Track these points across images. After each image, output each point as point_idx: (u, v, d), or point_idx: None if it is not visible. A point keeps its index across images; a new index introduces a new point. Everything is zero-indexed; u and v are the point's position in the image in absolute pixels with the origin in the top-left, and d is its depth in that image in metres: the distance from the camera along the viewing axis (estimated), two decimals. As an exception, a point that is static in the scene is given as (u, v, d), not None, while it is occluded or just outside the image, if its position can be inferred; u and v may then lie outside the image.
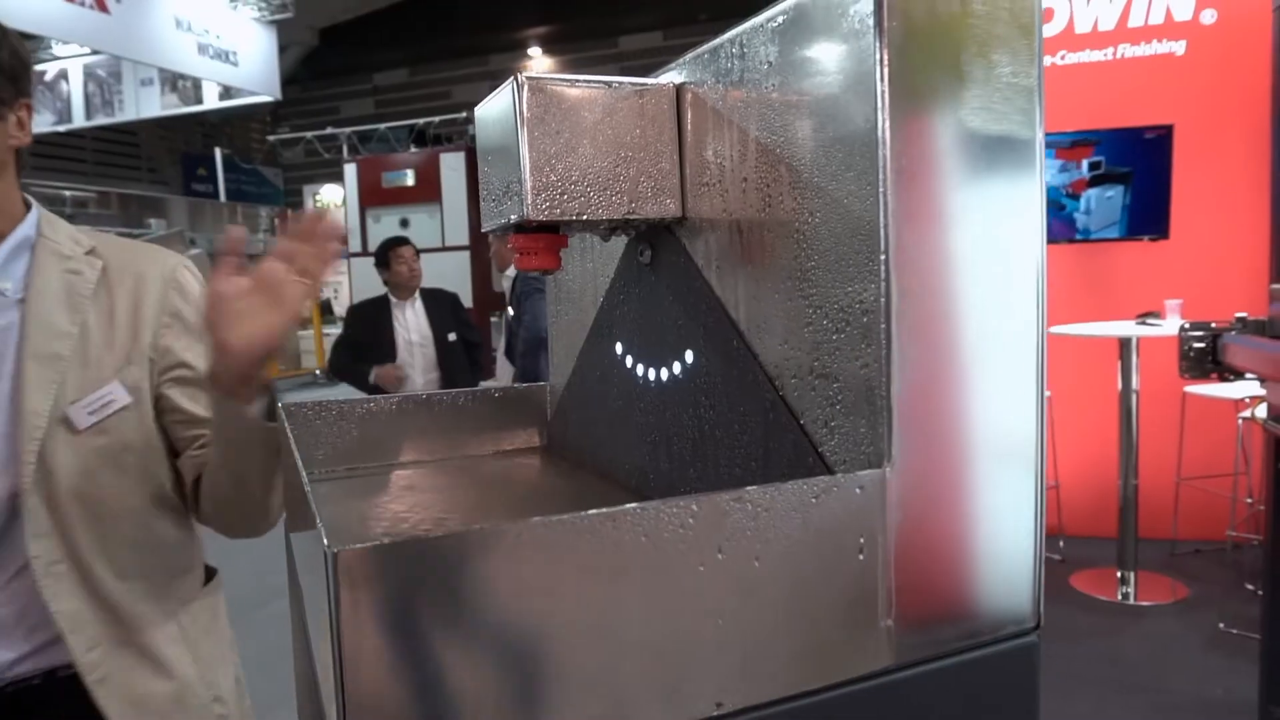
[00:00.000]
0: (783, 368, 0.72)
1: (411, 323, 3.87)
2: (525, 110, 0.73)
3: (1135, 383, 3.63)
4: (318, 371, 14.58)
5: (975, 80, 0.63)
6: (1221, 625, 3.32)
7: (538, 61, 28.82)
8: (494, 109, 0.81)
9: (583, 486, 1.01)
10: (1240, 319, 2.17)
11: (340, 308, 13.56)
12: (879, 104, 0.60)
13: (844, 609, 0.62)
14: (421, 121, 15.33)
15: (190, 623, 1.13)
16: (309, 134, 16.11)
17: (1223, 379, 2.22)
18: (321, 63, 20.19)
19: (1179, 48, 4.14)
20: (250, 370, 0.92)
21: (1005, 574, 0.66)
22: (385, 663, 0.51)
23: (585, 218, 0.76)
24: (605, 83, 0.77)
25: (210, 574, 1.21)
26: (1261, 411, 2.12)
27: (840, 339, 0.65)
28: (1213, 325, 2.20)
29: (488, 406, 1.11)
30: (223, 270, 0.87)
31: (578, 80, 0.75)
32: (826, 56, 0.65)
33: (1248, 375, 2.13)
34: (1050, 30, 4.29)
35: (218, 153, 18.31)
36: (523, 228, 0.79)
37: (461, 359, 3.90)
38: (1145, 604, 3.63)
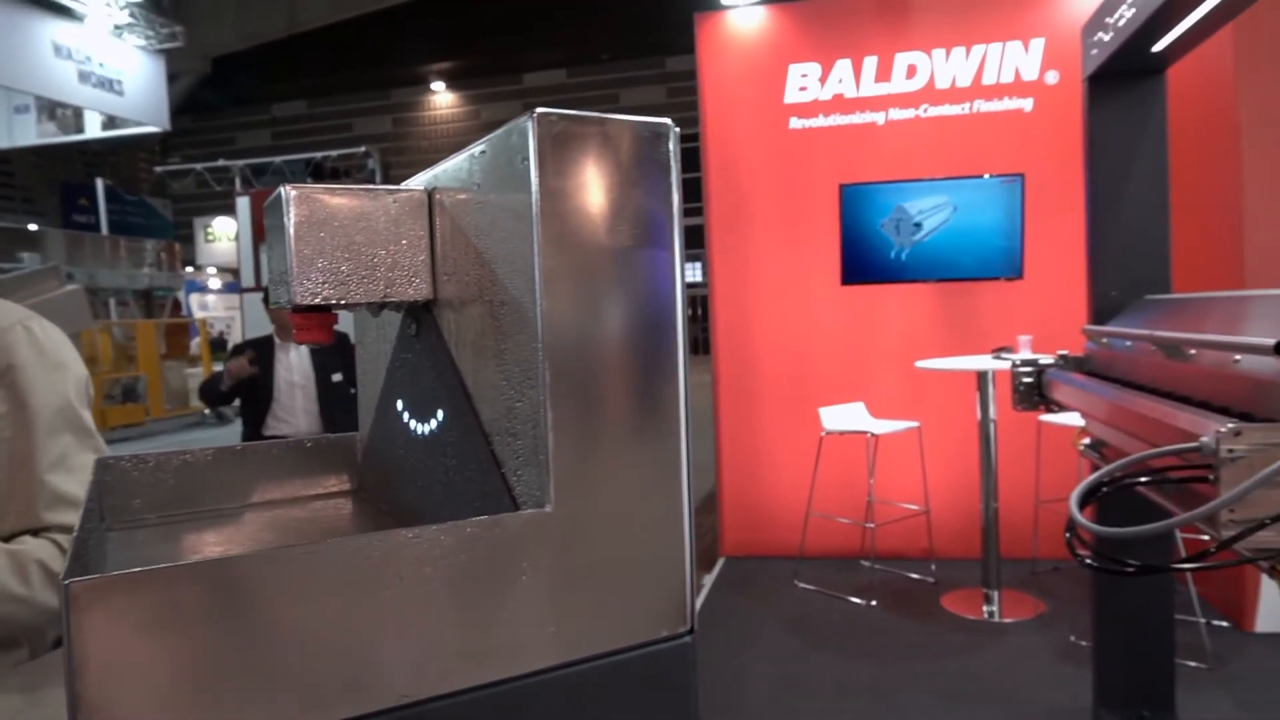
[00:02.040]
0: (492, 427, 0.90)
1: (294, 363, 3.85)
2: (293, 217, 0.89)
3: (993, 412, 3.90)
4: (206, 411, 14.07)
5: (613, 204, 0.82)
6: (1072, 638, 3.57)
7: (441, 96, 28.80)
8: (272, 210, 0.96)
9: (371, 523, 1.14)
10: (1062, 356, 2.39)
11: (235, 342, 13.17)
12: (534, 225, 0.79)
13: (512, 619, 0.78)
14: (319, 155, 15.11)
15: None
16: (199, 165, 15.66)
17: (1049, 410, 2.44)
18: (216, 92, 19.75)
19: (1027, 104, 4.51)
20: None
21: (659, 588, 0.83)
22: (115, 678, 0.64)
23: (346, 301, 0.92)
24: (366, 190, 0.90)
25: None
26: (1085, 440, 2.33)
27: (521, 406, 0.83)
28: (1039, 361, 2.42)
29: (301, 454, 1.20)
30: None
31: (337, 189, 0.88)
32: (506, 185, 0.85)
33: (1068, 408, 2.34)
34: (914, 85, 4.61)
35: (99, 183, 17.59)
36: (298, 308, 0.93)
37: (345, 401, 3.89)
38: (1008, 621, 3.86)
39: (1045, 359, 2.45)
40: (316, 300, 0.87)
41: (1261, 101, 3.42)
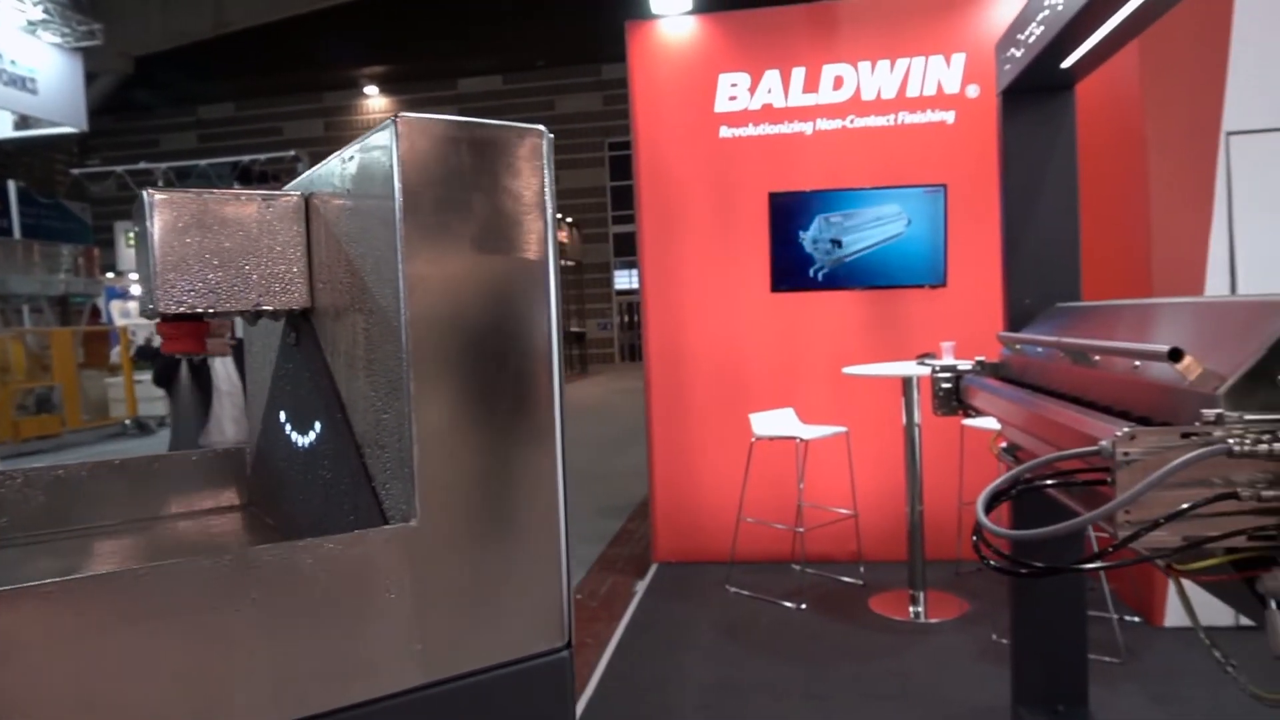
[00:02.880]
0: (363, 439, 0.88)
1: (220, 371, 3.75)
2: (156, 224, 0.86)
3: (918, 417, 3.98)
4: (127, 421, 13.58)
5: (483, 211, 0.81)
6: (994, 636, 3.66)
7: (374, 100, 28.38)
8: (137, 215, 0.93)
9: (255, 539, 1.09)
10: (979, 362, 2.46)
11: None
12: (398, 231, 0.78)
13: (375, 638, 0.75)
14: (247, 158, 14.74)
15: None
16: (120, 168, 15.14)
17: (967, 415, 2.50)
18: (140, 93, 19.11)
19: (950, 117, 4.63)
20: None
21: (532, 603, 0.81)
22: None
23: (216, 310, 0.89)
24: (237, 194, 0.87)
25: None
26: (1001, 445, 2.40)
27: (388, 418, 0.81)
28: (957, 367, 2.48)
29: (188, 468, 1.16)
30: None
31: (206, 193, 0.85)
32: (373, 190, 0.83)
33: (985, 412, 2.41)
34: (841, 96, 4.70)
35: (12, 185, 16.87)
36: (166, 317, 0.89)
37: None
38: (933, 621, 3.95)
39: (964, 365, 2.51)
40: (182, 309, 0.84)
41: (1166, 119, 3.57)
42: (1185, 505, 1.10)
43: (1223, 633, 1.12)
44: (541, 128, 0.84)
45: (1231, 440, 1.07)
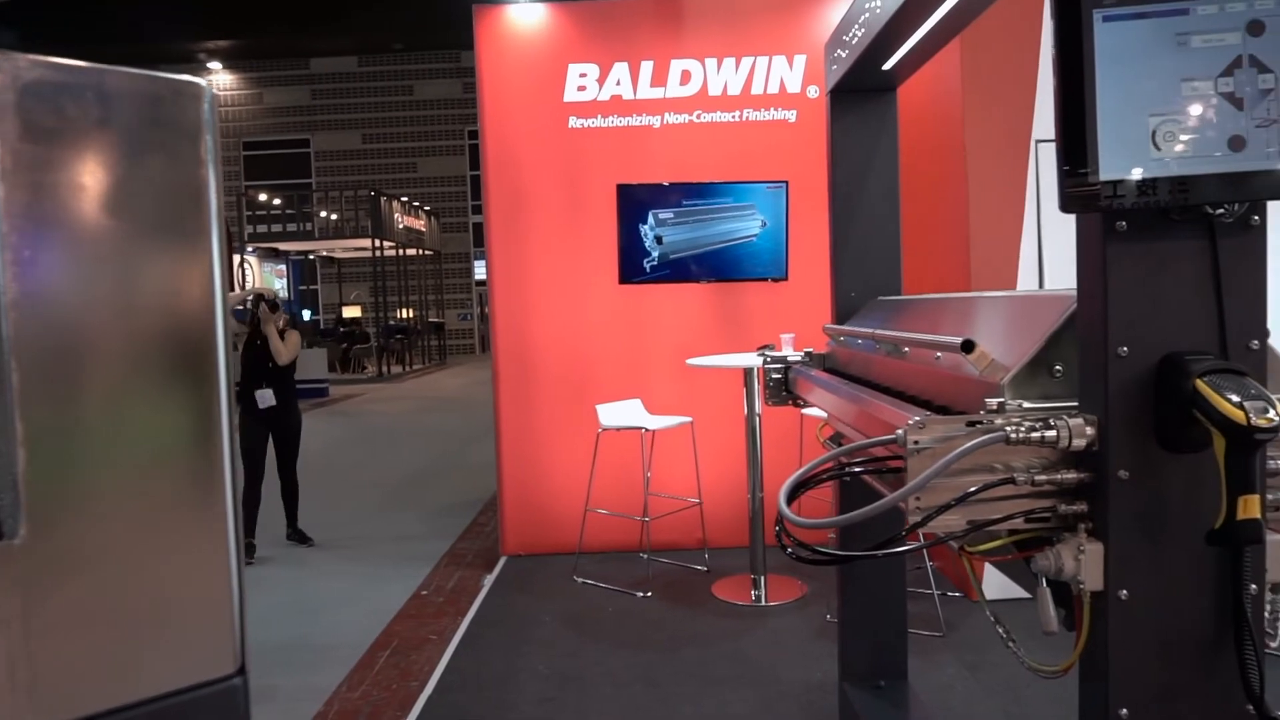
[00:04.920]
0: None
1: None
2: None
3: (758, 407, 4.09)
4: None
5: (116, 173, 0.69)
6: (829, 616, 3.80)
7: (218, 76, 26.71)
8: None
9: None
10: (808, 353, 2.53)
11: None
12: None
13: None
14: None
15: None
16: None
17: (797, 405, 2.57)
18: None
19: (792, 116, 4.77)
20: None
21: (193, 630, 0.72)
22: None
23: None
24: None
25: None
26: (827, 434, 2.48)
27: None
28: (787, 358, 2.54)
29: None
30: None
31: None
32: None
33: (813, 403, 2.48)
34: (688, 91, 4.76)
35: None
36: None
37: None
38: (773, 604, 4.06)
39: (794, 356, 2.58)
40: None
41: (983, 126, 3.79)
42: (967, 491, 1.16)
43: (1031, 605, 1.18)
44: (201, 81, 0.75)
45: (1009, 428, 1.13)
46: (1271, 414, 0.91)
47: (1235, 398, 0.93)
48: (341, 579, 4.78)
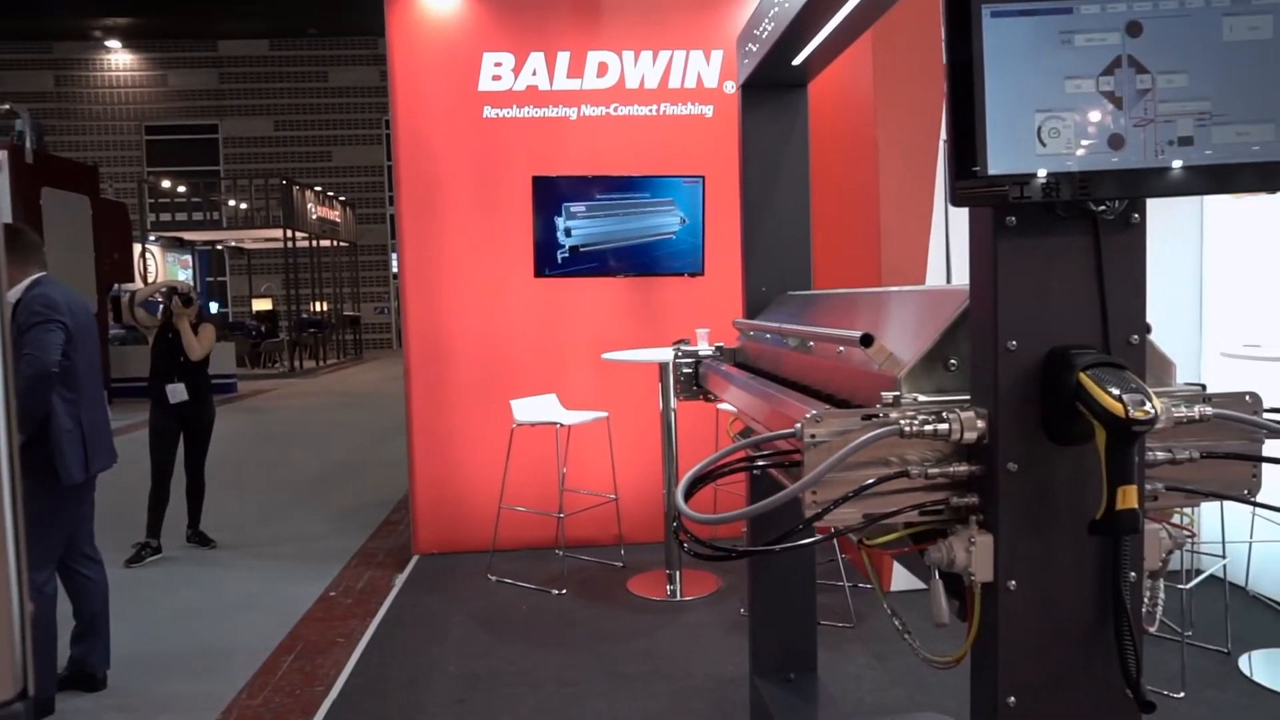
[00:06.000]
0: None
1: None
2: None
3: (674, 402, 4.08)
4: None
5: None
6: (742, 610, 3.83)
7: (118, 55, 25.50)
8: None
9: None
10: (718, 348, 2.53)
11: None
12: None
13: None
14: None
15: None
16: None
17: (708, 400, 2.57)
18: None
19: (709, 111, 4.78)
20: None
21: None
22: None
23: None
24: None
25: None
26: (737, 428, 2.48)
27: None
28: (698, 353, 2.54)
29: None
30: None
31: None
32: None
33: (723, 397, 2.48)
34: (605, 83, 4.72)
35: None
36: None
37: None
38: (688, 599, 4.07)
39: (707, 351, 2.57)
40: None
41: (894, 123, 3.86)
42: (863, 485, 1.16)
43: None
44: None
45: (904, 422, 1.13)
46: (1148, 407, 0.93)
47: (1116, 391, 0.94)
48: (246, 581, 4.61)
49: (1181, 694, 2.93)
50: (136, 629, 3.91)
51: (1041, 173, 0.96)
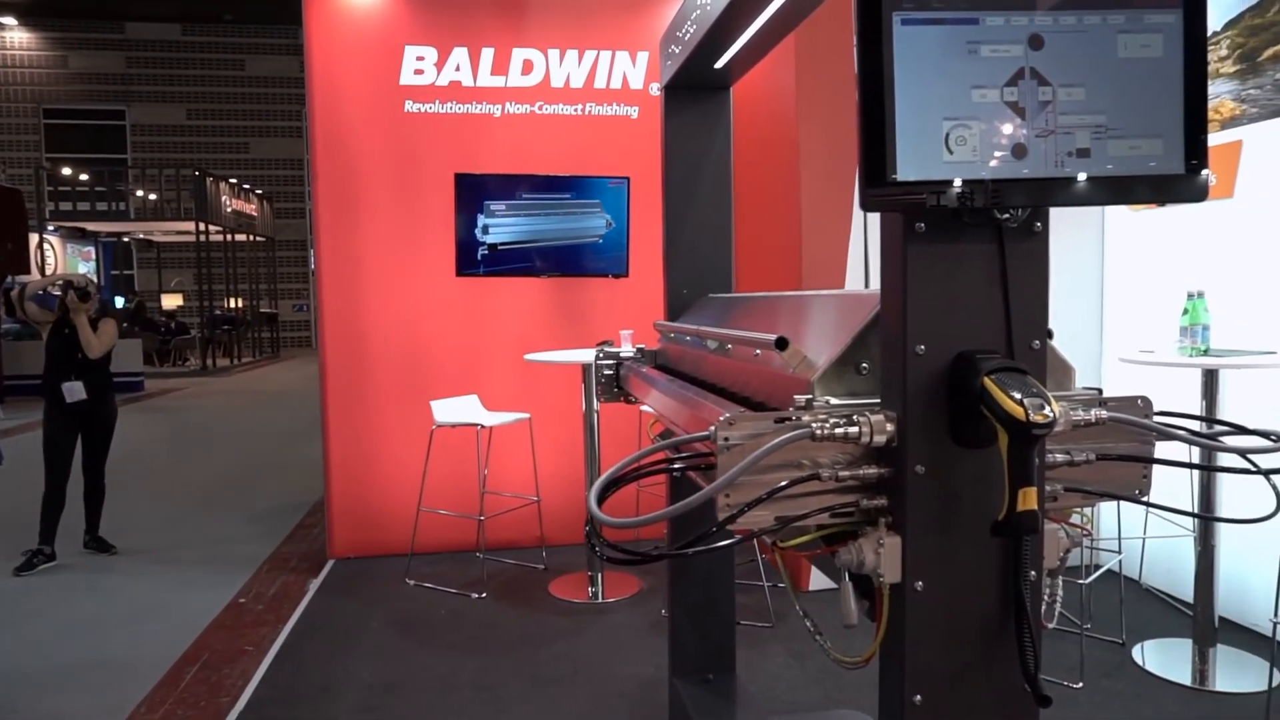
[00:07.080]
0: None
1: None
2: None
3: (596, 404, 4.07)
4: None
5: None
6: (663, 611, 3.83)
7: (14, 33, 24.21)
8: None
9: None
10: (639, 350, 2.52)
11: None
12: None
13: None
14: None
15: None
16: None
17: (628, 402, 2.56)
18: None
19: (634, 112, 4.78)
20: None
21: None
22: None
23: None
24: None
25: None
26: (657, 431, 2.48)
27: None
28: (619, 354, 2.53)
29: None
30: None
31: None
32: None
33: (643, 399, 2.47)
34: (530, 81, 4.68)
35: None
36: None
37: None
38: (610, 601, 4.06)
39: (629, 352, 2.56)
40: None
41: (816, 128, 3.91)
42: (775, 487, 1.16)
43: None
44: None
45: (815, 425, 1.14)
46: (1048, 410, 0.95)
47: (1017, 395, 0.96)
48: (149, 588, 4.42)
49: (1080, 684, 3.04)
50: (25, 641, 3.71)
51: (957, 180, 0.97)
